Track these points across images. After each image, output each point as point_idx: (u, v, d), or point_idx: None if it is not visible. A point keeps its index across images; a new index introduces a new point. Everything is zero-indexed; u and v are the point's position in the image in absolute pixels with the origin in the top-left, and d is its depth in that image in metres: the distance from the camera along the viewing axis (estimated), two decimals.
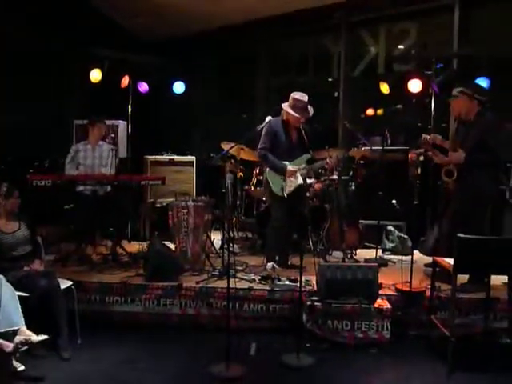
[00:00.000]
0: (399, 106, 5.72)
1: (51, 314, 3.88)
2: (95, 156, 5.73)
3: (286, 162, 5.09)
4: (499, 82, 6.20)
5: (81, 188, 5.47)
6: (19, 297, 3.68)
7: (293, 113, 5.02)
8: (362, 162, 6.10)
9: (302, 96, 5.04)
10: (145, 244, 5.52)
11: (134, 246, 5.81)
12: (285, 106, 5.11)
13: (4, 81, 6.67)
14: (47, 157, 6.94)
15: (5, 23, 6.54)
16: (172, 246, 5.27)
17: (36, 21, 6.74)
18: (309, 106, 5.08)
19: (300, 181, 5.04)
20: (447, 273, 3.92)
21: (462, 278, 4.40)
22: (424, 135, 4.84)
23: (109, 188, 5.54)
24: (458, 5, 6.81)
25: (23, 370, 3.55)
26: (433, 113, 6.29)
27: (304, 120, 5.10)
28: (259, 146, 5.15)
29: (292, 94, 5.09)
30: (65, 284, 4.12)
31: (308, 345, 4.08)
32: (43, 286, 3.89)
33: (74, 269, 5.11)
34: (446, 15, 6.98)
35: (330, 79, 8.31)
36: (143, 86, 7.39)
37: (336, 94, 8.02)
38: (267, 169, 5.18)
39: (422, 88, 6.37)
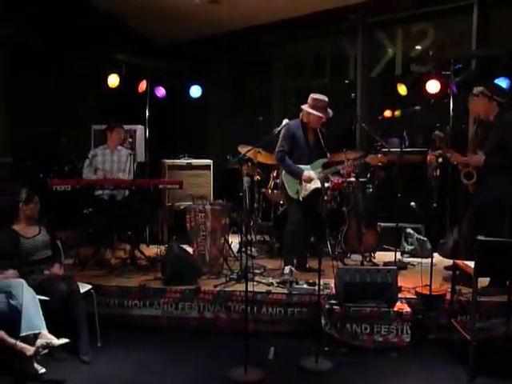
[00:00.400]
0: (417, 108, 5.67)
1: (71, 317, 3.92)
2: (114, 160, 5.79)
3: (303, 166, 5.08)
4: None
5: (99, 192, 5.52)
6: (40, 300, 3.72)
7: (315, 112, 5.00)
8: (379, 164, 6.06)
9: (321, 96, 5.04)
10: (163, 248, 5.54)
11: (152, 250, 5.84)
12: (304, 106, 5.09)
13: (24, 84, 6.76)
14: (66, 161, 7.01)
15: (30, 29, 6.66)
16: (190, 250, 5.29)
17: (55, 25, 6.82)
18: (328, 108, 5.07)
19: (316, 185, 5.02)
20: (468, 276, 3.88)
21: (483, 281, 4.34)
22: (436, 132, 4.79)
23: (127, 192, 5.59)
24: (477, 5, 6.74)
25: (44, 373, 3.58)
26: (451, 114, 6.22)
27: (325, 119, 5.08)
28: (277, 149, 5.13)
29: (311, 95, 5.08)
30: (84, 288, 4.16)
31: (327, 349, 4.07)
32: (63, 290, 3.93)
33: (93, 272, 5.15)
34: (463, 15, 6.90)
35: (346, 81, 8.28)
36: (160, 91, 7.44)
37: (353, 96, 7.99)
38: (283, 171, 5.17)
39: (440, 89, 6.30)
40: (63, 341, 3.57)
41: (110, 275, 5.09)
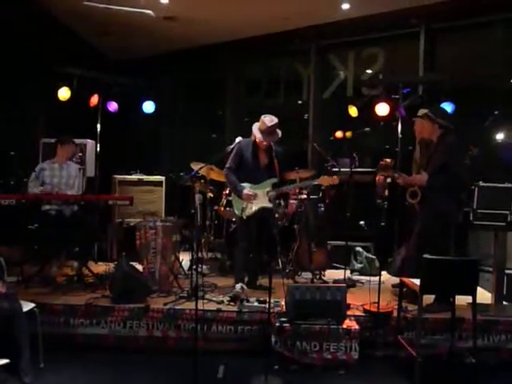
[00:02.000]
0: (367, 129, 5.82)
1: (13, 337, 3.76)
2: (62, 175, 5.65)
3: (248, 184, 5.11)
4: (463, 107, 6.39)
5: (46, 207, 5.37)
6: None
7: (258, 135, 5.04)
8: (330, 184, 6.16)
9: (270, 120, 5.04)
10: (111, 265, 5.43)
11: (101, 267, 5.71)
12: (254, 127, 5.13)
13: None
14: (12, 176, 6.80)
15: None
16: (140, 267, 5.20)
17: (5, 35, 6.65)
18: (277, 130, 5.11)
19: (263, 204, 5.06)
20: (414, 293, 3.97)
21: (429, 299, 4.47)
22: (384, 160, 4.93)
23: (75, 208, 5.46)
24: (424, 32, 7.03)
25: None
26: (400, 136, 6.42)
27: (268, 144, 5.12)
28: (225, 166, 5.17)
29: (262, 117, 5.10)
30: (27, 306, 4.01)
31: (276, 367, 4.06)
32: (4, 309, 3.77)
33: (37, 290, 4.98)
34: (411, 41, 7.19)
35: (300, 102, 8.42)
36: (112, 105, 7.35)
37: (306, 117, 8.13)
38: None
39: (389, 112, 6.51)
40: (3, 361, 3.43)
41: (55, 293, 4.93)
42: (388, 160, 4.92)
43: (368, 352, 4.28)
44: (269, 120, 5.04)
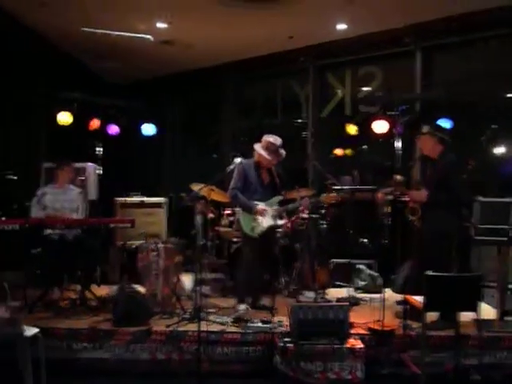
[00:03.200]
0: (365, 147, 5.87)
1: (16, 362, 3.75)
2: (64, 199, 5.67)
3: (258, 202, 5.13)
4: (460, 122, 6.44)
5: (48, 232, 5.38)
6: None
7: (265, 154, 5.08)
8: (333, 202, 6.18)
9: (275, 139, 5.11)
10: (114, 288, 5.41)
11: (103, 290, 5.69)
12: (257, 147, 5.16)
13: None
14: (15, 200, 6.82)
15: None
16: (142, 289, 5.19)
17: (3, 64, 6.74)
18: (281, 149, 5.15)
19: (271, 222, 5.07)
20: (418, 311, 3.96)
21: (433, 316, 4.45)
22: (395, 176, 4.96)
23: (78, 232, 5.47)
24: (420, 50, 7.12)
25: None
26: (398, 152, 6.46)
27: (276, 162, 5.16)
28: (230, 187, 5.18)
29: (265, 137, 5.15)
30: (31, 331, 3.99)
31: None
32: (8, 334, 3.76)
33: (41, 315, 4.96)
34: (408, 59, 7.27)
35: (298, 121, 8.49)
36: (113, 129, 7.42)
37: (305, 135, 8.18)
38: (240, 209, 5.20)
39: (388, 129, 6.56)
40: None
41: (58, 317, 4.92)
42: (399, 177, 4.94)
43: (373, 370, 4.25)
44: (274, 139, 5.10)
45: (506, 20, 6.25)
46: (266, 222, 5.10)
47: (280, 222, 5.21)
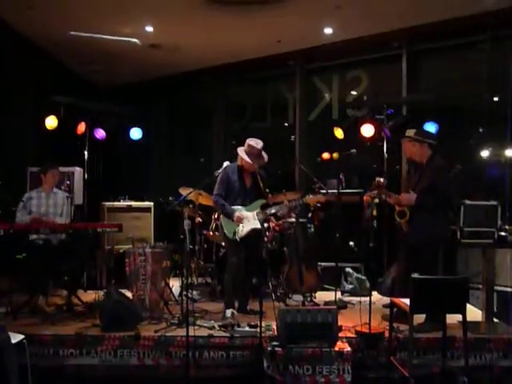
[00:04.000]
0: (353, 151, 5.89)
1: (1, 369, 3.70)
2: (49, 204, 5.63)
3: (239, 207, 5.14)
4: (447, 126, 6.50)
5: (34, 237, 5.33)
6: None
7: (246, 158, 5.10)
8: (318, 205, 6.20)
9: (256, 143, 5.12)
10: (101, 293, 5.37)
11: (90, 296, 5.65)
12: (240, 150, 5.18)
13: None
14: (0, 205, 6.75)
15: None
16: (129, 294, 5.16)
17: None
18: (263, 153, 5.16)
19: (254, 225, 5.08)
20: (405, 313, 3.98)
21: (420, 318, 4.47)
22: (377, 178, 4.98)
23: (63, 236, 5.42)
24: (405, 54, 7.17)
25: None
26: (385, 156, 6.50)
27: (257, 166, 5.16)
28: (214, 192, 5.22)
29: (247, 141, 5.17)
30: (16, 338, 3.95)
31: None
32: None
33: (26, 321, 4.91)
34: (394, 63, 7.33)
35: (286, 124, 8.51)
36: (100, 133, 7.38)
37: (293, 139, 8.21)
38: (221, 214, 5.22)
39: (375, 132, 6.60)
40: None
41: (44, 323, 4.87)
42: (381, 180, 4.97)
43: (361, 374, 4.26)
44: (255, 143, 5.10)
45: (492, 25, 6.32)
46: (246, 226, 5.11)
47: (260, 226, 5.17)
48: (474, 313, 5.04)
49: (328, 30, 6.92)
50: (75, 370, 4.42)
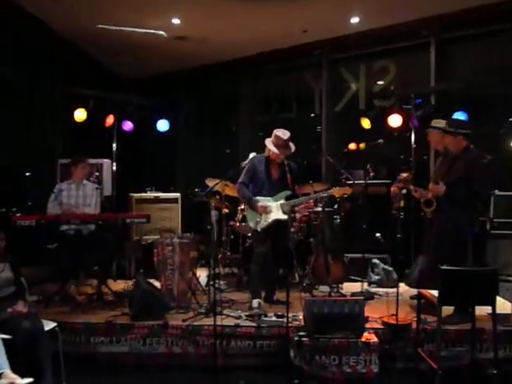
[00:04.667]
0: (380, 141, 5.83)
1: (35, 356, 3.81)
2: (79, 195, 5.74)
3: (262, 198, 5.15)
4: (476, 115, 6.38)
5: (64, 227, 5.44)
6: (2, 339, 3.62)
7: (273, 149, 5.10)
8: (345, 195, 6.17)
9: (283, 133, 5.11)
10: (130, 282, 5.47)
11: (120, 285, 5.76)
12: (267, 141, 5.19)
13: None
14: (31, 196, 6.91)
15: None
16: (157, 284, 5.24)
17: (20, 61, 6.81)
18: (290, 143, 5.16)
19: (277, 216, 5.08)
20: (432, 305, 3.95)
21: (448, 310, 4.43)
22: (402, 174, 4.94)
23: (93, 227, 5.53)
24: (434, 42, 7.06)
25: None
26: (413, 146, 6.42)
27: (283, 157, 5.16)
28: (238, 181, 5.23)
29: (274, 131, 5.17)
30: (49, 325, 4.06)
31: (296, 381, 4.04)
32: (27, 328, 3.83)
33: (58, 309, 5.04)
34: (422, 52, 7.22)
35: (312, 115, 8.47)
36: (127, 125, 7.46)
37: (319, 129, 8.16)
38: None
39: (402, 122, 6.53)
40: (27, 380, 3.46)
41: (75, 312, 4.99)
42: (406, 175, 4.92)
43: (388, 365, 4.25)
44: (282, 133, 5.10)
45: None
46: (269, 217, 5.12)
47: (286, 217, 5.17)
48: (503, 305, 4.95)
49: (355, 19, 6.84)
50: (106, 357, 4.53)
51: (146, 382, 4.22)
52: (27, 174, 7.16)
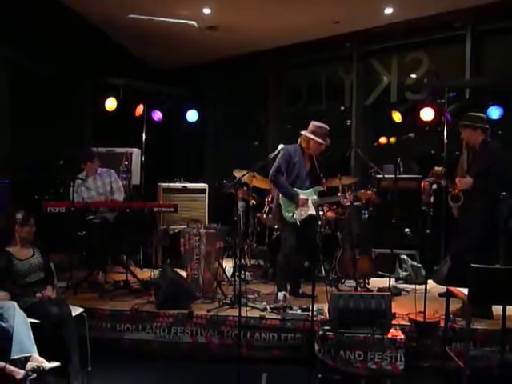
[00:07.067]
0: (412, 135, 5.72)
1: (62, 340, 3.87)
2: (98, 185, 5.80)
3: (299, 190, 5.10)
4: (510, 110, 6.21)
5: (91, 216, 5.49)
6: (31, 323, 3.68)
7: (316, 138, 5.04)
8: (374, 190, 6.09)
9: (323, 124, 5.11)
10: (156, 271, 5.51)
11: (146, 273, 5.81)
12: (305, 132, 5.13)
13: (22, 109, 6.81)
14: (62, 184, 7.01)
15: (24, 55, 6.74)
16: (184, 274, 5.27)
17: (51, 50, 6.89)
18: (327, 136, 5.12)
19: (312, 211, 5.04)
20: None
21: (458, 302, 4.34)
22: (435, 167, 4.85)
23: (120, 214, 5.55)
24: (470, 35, 6.88)
25: None
26: (445, 141, 6.28)
27: (324, 147, 5.12)
28: (272, 169, 5.11)
29: (312, 122, 5.14)
30: (76, 311, 4.12)
31: (320, 375, 4.02)
32: (55, 313, 3.89)
33: (85, 296, 5.12)
34: (457, 45, 7.04)
35: (342, 108, 8.37)
36: (157, 115, 7.49)
37: (349, 123, 8.06)
38: (280, 194, 5.17)
39: (435, 117, 6.38)
40: (54, 364, 3.53)
41: (102, 298, 5.05)
42: (439, 169, 4.84)
43: (414, 363, 4.19)
44: (321, 123, 5.11)
45: None
46: (306, 210, 5.07)
47: (319, 212, 5.15)
48: None
49: (388, 10, 6.71)
50: (131, 344, 4.58)
51: (170, 369, 4.25)
52: (60, 162, 7.25)
